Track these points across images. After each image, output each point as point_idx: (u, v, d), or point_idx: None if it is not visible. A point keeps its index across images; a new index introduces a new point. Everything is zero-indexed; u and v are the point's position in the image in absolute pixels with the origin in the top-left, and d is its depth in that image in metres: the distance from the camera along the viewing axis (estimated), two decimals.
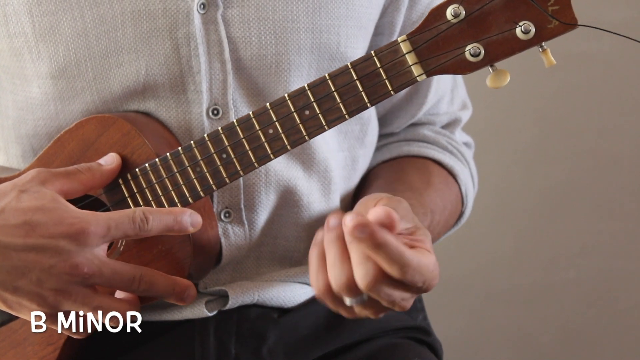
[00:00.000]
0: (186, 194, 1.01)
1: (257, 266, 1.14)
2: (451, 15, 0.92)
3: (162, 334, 1.12)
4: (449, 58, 0.93)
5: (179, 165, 1.00)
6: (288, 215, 1.13)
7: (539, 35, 0.91)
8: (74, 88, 1.06)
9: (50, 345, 1.06)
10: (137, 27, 1.05)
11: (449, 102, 1.24)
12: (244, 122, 0.97)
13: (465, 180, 1.20)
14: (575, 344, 2.02)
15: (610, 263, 1.99)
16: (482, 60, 0.92)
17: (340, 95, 0.95)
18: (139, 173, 1.01)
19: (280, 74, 1.08)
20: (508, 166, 1.98)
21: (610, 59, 1.93)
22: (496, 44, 0.92)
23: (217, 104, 1.07)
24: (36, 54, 1.06)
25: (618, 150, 1.96)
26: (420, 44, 0.93)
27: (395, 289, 0.89)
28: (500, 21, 0.91)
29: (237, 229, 1.10)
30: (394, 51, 0.93)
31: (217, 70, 1.06)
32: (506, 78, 0.93)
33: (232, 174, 0.99)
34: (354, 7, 1.10)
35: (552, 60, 0.92)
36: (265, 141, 0.97)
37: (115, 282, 0.96)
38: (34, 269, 0.93)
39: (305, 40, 1.08)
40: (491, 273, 2.03)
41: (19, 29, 1.06)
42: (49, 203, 0.95)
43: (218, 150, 0.99)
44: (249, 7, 1.06)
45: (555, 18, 0.90)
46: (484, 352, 2.04)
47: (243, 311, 1.12)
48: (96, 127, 1.04)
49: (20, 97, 1.09)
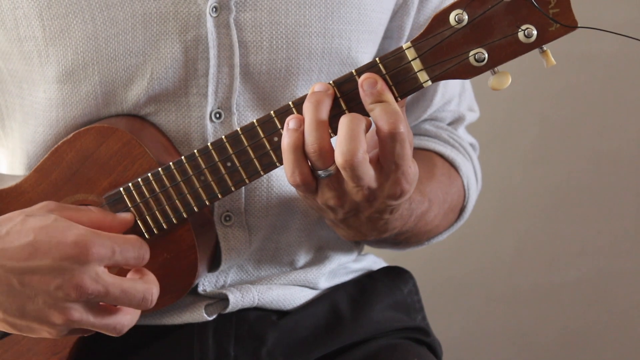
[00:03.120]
0: (191, 202, 1.00)
1: (257, 270, 1.14)
2: (455, 21, 0.92)
3: (162, 337, 1.11)
4: (454, 64, 0.93)
5: (182, 174, 0.99)
6: (289, 220, 1.13)
7: (541, 38, 0.91)
8: (78, 94, 1.06)
9: (55, 355, 1.05)
10: (147, 30, 1.04)
11: (456, 105, 1.24)
12: (249, 130, 0.97)
13: (468, 173, 1.20)
14: (575, 344, 2.02)
15: (610, 263, 1.99)
16: (486, 64, 0.92)
17: (346, 102, 0.94)
18: (142, 183, 1.01)
19: (289, 78, 1.08)
20: (508, 167, 1.98)
21: (611, 59, 1.93)
22: (499, 48, 0.92)
23: (221, 108, 1.07)
24: (45, 57, 1.05)
25: (618, 150, 1.96)
26: (425, 50, 0.93)
27: (370, 169, 0.92)
28: (503, 25, 0.91)
29: (238, 232, 1.10)
30: (399, 58, 0.93)
31: (225, 74, 1.06)
32: (508, 80, 0.93)
33: (237, 182, 0.98)
34: (365, 11, 1.10)
35: (552, 61, 0.92)
36: (271, 149, 0.97)
37: (123, 302, 0.94)
38: (39, 292, 0.92)
39: (316, 45, 1.08)
40: (491, 273, 2.03)
41: (29, 33, 1.05)
42: (52, 223, 0.93)
43: (222, 158, 0.98)
44: (261, 11, 1.06)
45: (556, 21, 0.90)
46: (483, 352, 2.04)
47: (242, 314, 1.12)
48: (95, 138, 1.03)
49: (27, 102, 1.09)
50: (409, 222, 1.07)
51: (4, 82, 1.10)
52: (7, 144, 1.14)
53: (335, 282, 1.19)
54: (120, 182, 1.02)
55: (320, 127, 0.92)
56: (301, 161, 0.93)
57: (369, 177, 0.92)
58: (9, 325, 0.95)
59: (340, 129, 0.91)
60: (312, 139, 0.92)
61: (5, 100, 1.11)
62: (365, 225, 1.00)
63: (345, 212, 0.97)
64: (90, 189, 1.03)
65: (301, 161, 0.93)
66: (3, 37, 1.06)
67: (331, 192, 0.95)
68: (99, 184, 1.03)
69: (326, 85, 0.93)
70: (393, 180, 0.93)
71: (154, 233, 1.02)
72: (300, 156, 0.93)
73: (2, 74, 1.09)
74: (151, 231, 1.02)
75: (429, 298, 1.41)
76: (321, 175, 0.93)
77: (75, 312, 0.92)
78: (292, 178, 0.94)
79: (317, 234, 1.15)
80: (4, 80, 1.10)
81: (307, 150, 0.92)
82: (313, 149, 0.92)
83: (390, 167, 0.93)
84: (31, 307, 0.92)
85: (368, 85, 0.93)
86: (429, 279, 1.94)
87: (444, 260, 2.00)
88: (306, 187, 0.95)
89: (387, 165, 0.92)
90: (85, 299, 0.92)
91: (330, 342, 1.14)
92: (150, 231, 1.02)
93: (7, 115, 1.12)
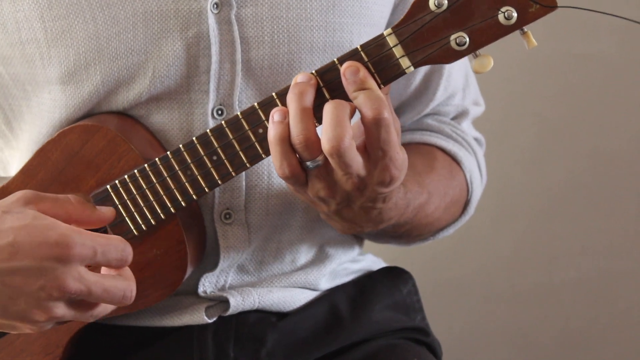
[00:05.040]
0: (178, 197, 1.00)
1: (258, 270, 1.14)
2: (434, 6, 0.92)
3: (161, 338, 1.11)
4: (435, 49, 0.93)
5: (168, 169, 0.99)
6: (290, 218, 1.13)
7: (521, 20, 0.91)
8: (80, 94, 1.06)
9: (48, 355, 1.05)
10: (148, 28, 1.04)
11: (460, 99, 1.23)
12: (233, 123, 0.97)
13: (471, 167, 1.19)
14: (575, 344, 2.02)
15: (610, 263, 1.99)
16: (468, 48, 0.93)
17: (329, 91, 0.94)
18: (128, 180, 1.00)
19: (291, 73, 1.07)
20: (508, 166, 1.97)
21: (610, 59, 1.92)
22: (480, 31, 0.92)
23: (223, 104, 1.07)
24: (47, 59, 1.05)
25: (618, 150, 1.96)
26: (406, 36, 0.93)
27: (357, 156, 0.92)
28: (483, 8, 0.91)
29: (238, 231, 1.10)
30: (380, 45, 0.93)
31: (227, 70, 1.06)
32: (490, 62, 0.93)
33: (223, 175, 0.98)
34: (366, 4, 1.09)
35: (533, 42, 0.93)
36: (256, 141, 0.97)
37: (104, 300, 0.93)
38: (21, 293, 0.90)
39: (318, 39, 1.07)
40: (491, 273, 2.03)
41: (31, 35, 1.05)
42: (32, 221, 0.91)
43: (208, 152, 0.98)
44: (262, 6, 1.06)
45: (536, 1, 0.91)
46: (483, 352, 2.04)
47: (242, 316, 1.12)
48: (80, 136, 1.02)
49: (34, 103, 1.09)
50: (407, 213, 1.06)
51: (6, 87, 1.10)
52: (19, 146, 1.14)
53: (336, 283, 1.19)
54: (107, 179, 1.02)
55: (305, 118, 0.92)
56: (289, 153, 0.93)
57: (357, 164, 0.92)
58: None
59: (325, 116, 0.92)
60: (298, 130, 0.92)
61: (10, 104, 1.11)
62: (359, 215, 1.00)
63: (337, 203, 0.97)
64: (76, 188, 1.03)
65: (289, 153, 0.93)
66: (4, 42, 1.06)
67: (321, 183, 0.95)
68: (85, 183, 1.03)
69: (309, 76, 0.94)
70: (381, 166, 0.93)
71: (143, 230, 1.02)
72: (287, 148, 0.93)
73: (4, 79, 1.09)
74: (140, 228, 1.01)
75: (429, 298, 1.41)
76: (309, 166, 0.94)
77: (57, 309, 0.92)
78: (280, 170, 0.94)
79: (319, 232, 1.15)
80: (6, 85, 1.10)
81: (293, 141, 0.92)
82: (299, 140, 0.92)
83: (377, 153, 0.93)
84: (13, 308, 0.91)
85: (350, 73, 0.93)
86: (429, 279, 1.94)
87: (444, 260, 2.00)
88: (296, 179, 0.95)
89: (374, 152, 0.93)
90: (67, 299, 0.92)
91: (330, 342, 1.14)
92: (138, 228, 1.01)
93: (13, 118, 1.12)
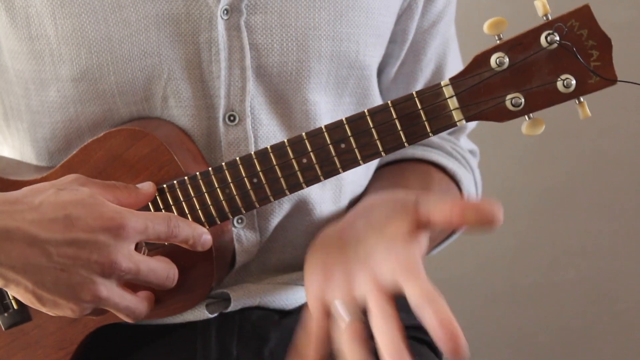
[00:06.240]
0: (213, 214, 1.00)
1: (261, 271, 1.14)
2: (495, 64, 0.91)
3: (165, 335, 1.12)
4: (490, 105, 0.92)
5: (208, 185, 0.99)
6: (299, 223, 1.13)
7: (579, 90, 0.91)
8: (95, 90, 1.05)
9: (62, 350, 1.05)
10: (160, 32, 1.04)
11: None
12: (278, 149, 0.96)
13: (468, 186, 1.20)
14: (575, 344, 2.02)
15: (610, 263, 1.99)
16: (522, 110, 0.92)
17: (378, 132, 0.94)
18: (167, 189, 1.00)
19: (300, 81, 1.07)
20: (508, 166, 1.98)
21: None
22: (537, 95, 0.91)
23: (234, 111, 1.07)
24: (57, 56, 1.05)
25: (618, 150, 1.96)
26: (462, 89, 0.92)
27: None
28: (543, 73, 0.91)
29: (250, 234, 1.10)
30: (436, 94, 0.92)
31: (237, 76, 1.06)
32: (541, 127, 0.93)
33: (261, 198, 0.98)
34: (372, 15, 1.10)
35: (587, 113, 0.92)
36: (298, 170, 0.96)
37: (150, 279, 0.95)
38: (74, 265, 0.91)
39: (326, 48, 1.08)
40: (491, 273, 2.03)
41: (41, 32, 1.05)
42: (88, 198, 0.93)
43: (249, 174, 0.97)
44: (272, 14, 1.06)
45: (597, 74, 0.90)
46: (483, 351, 2.05)
47: (245, 313, 1.12)
48: (125, 140, 1.03)
49: (35, 102, 1.09)
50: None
51: (9, 83, 1.10)
52: (14, 144, 1.14)
53: None
54: None
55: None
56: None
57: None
58: (35, 298, 0.93)
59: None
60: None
61: (10, 101, 1.11)
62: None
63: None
64: None
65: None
66: (13, 36, 1.06)
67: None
68: None
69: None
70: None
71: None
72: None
73: (9, 74, 1.09)
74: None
75: None
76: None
77: (104, 288, 0.92)
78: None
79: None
80: (9, 81, 1.10)
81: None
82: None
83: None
84: (64, 281, 0.91)
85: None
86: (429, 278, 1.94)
87: (444, 260, 2.00)
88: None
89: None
90: (116, 276, 0.92)
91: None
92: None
93: (12, 116, 1.12)
